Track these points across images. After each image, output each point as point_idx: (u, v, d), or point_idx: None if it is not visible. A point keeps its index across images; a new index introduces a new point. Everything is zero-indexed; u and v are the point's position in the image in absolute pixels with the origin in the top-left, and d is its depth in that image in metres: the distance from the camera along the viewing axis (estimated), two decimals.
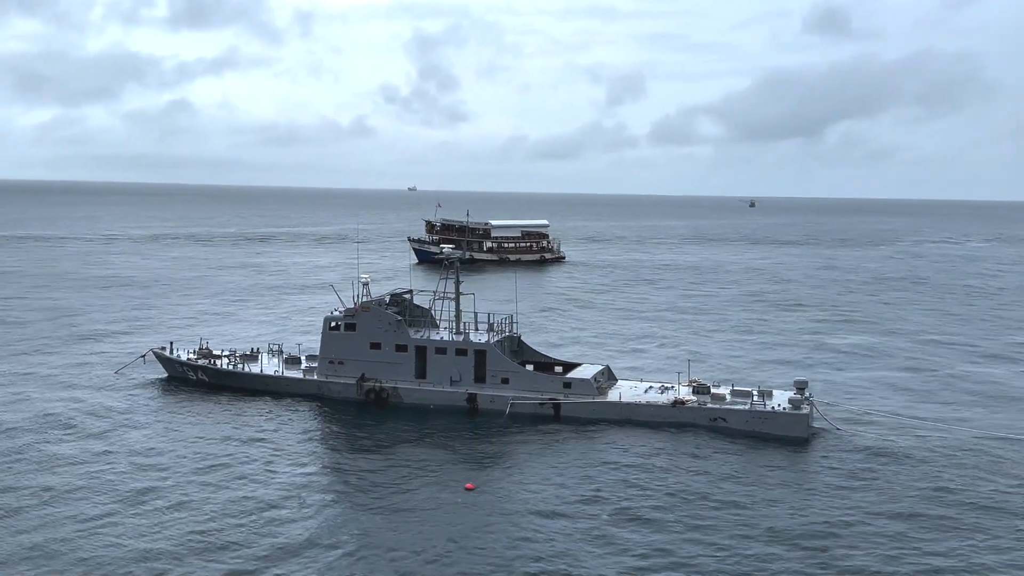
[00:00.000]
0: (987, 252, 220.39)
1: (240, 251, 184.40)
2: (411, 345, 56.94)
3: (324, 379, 58.28)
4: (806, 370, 67.22)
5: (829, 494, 41.09)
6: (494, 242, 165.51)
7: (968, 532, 36.97)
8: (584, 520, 37.56)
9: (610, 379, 57.64)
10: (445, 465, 44.83)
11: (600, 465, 44.75)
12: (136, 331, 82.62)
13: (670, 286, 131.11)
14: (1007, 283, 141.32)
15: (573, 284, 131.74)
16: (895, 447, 48.21)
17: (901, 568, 33.44)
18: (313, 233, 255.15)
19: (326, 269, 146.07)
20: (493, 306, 66.02)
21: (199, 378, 61.59)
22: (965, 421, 54.34)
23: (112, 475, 42.34)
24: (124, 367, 65.37)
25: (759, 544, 35.33)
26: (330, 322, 58.82)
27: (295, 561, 33.25)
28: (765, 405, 51.72)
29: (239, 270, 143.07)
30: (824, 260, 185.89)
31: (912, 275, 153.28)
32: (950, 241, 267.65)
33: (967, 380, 67.24)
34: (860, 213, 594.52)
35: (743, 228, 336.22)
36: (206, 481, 41.70)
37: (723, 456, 46.48)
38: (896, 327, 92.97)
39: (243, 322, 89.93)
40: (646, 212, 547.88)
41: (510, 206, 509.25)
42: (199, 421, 52.25)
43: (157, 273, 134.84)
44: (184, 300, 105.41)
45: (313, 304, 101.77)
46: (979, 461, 46.28)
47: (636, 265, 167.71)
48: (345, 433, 50.76)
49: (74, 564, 32.78)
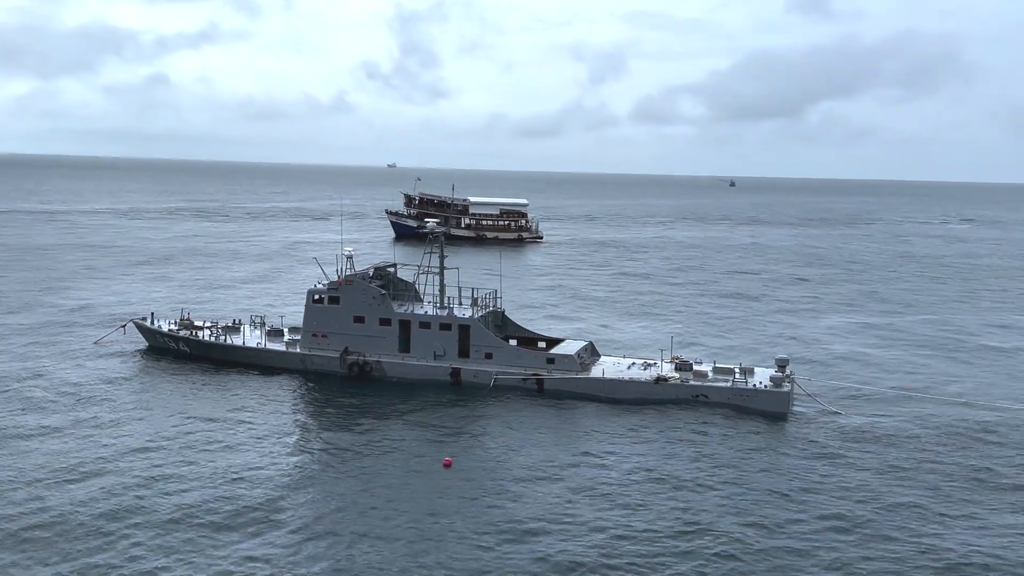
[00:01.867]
0: (967, 233, 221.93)
1: (221, 225, 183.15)
2: (395, 319, 56.78)
3: (307, 352, 58.03)
4: (788, 348, 67.57)
5: (805, 469, 41.37)
6: (472, 219, 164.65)
7: (945, 505, 37.34)
8: (558, 496, 37.65)
9: (593, 355, 57.75)
10: (424, 440, 44.79)
11: (580, 442, 44.85)
12: (116, 302, 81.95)
13: (652, 264, 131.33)
14: (990, 263, 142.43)
15: (552, 262, 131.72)
16: (876, 424, 48.61)
17: (869, 542, 33.79)
18: (293, 208, 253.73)
19: (307, 243, 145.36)
20: (471, 281, 65.85)
21: (180, 349, 61.20)
22: (949, 397, 54.79)
23: (90, 445, 42.04)
24: (103, 337, 64.85)
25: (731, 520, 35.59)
26: (313, 295, 58.52)
27: (266, 537, 32.98)
28: (747, 382, 52.02)
29: (220, 243, 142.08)
30: (806, 239, 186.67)
31: (893, 254, 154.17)
32: (930, 222, 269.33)
33: (949, 357, 67.78)
34: (839, 193, 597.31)
35: (723, 207, 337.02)
36: (183, 453, 41.46)
37: (702, 433, 46.67)
38: (878, 306, 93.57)
39: (225, 293, 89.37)
40: (627, 191, 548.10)
41: (491, 184, 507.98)
42: (179, 392, 51.93)
43: (137, 245, 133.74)
44: (165, 271, 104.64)
45: (296, 276, 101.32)
46: (959, 436, 46.68)
47: (617, 243, 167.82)
48: (327, 407, 50.60)
49: (49, 537, 32.57)
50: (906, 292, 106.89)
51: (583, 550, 32.42)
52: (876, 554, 32.83)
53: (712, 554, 32.45)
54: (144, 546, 31.80)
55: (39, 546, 31.64)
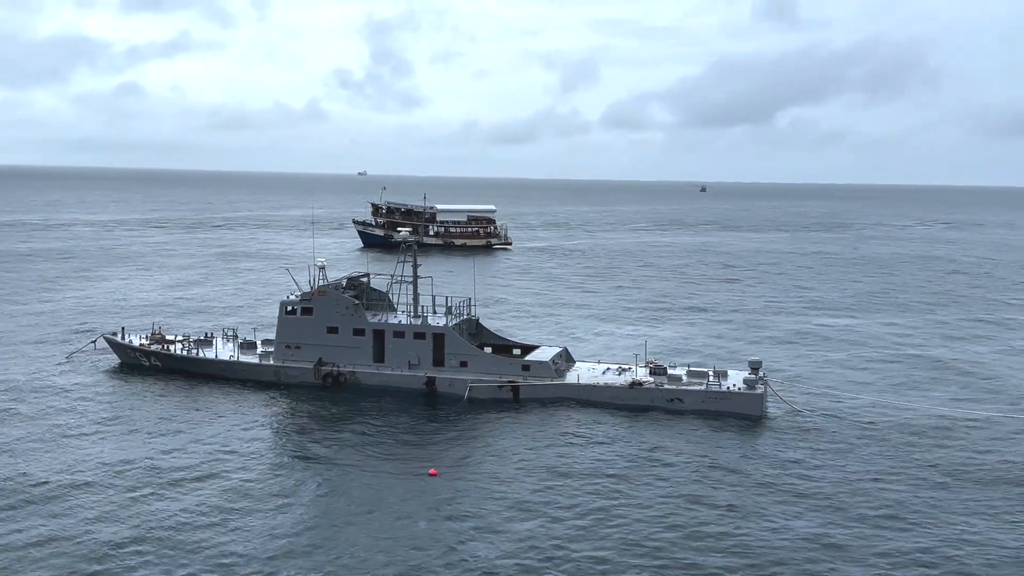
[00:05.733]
0: (936, 235, 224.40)
1: (191, 235, 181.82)
2: (369, 329, 56.63)
3: (281, 364, 57.74)
4: (761, 350, 68.04)
5: (777, 469, 41.69)
6: (440, 226, 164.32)
7: (914, 507, 37.76)
8: (535, 503, 37.70)
9: (568, 361, 57.88)
10: (406, 450, 44.70)
11: (556, 448, 44.92)
12: (87, 316, 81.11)
13: (624, 269, 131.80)
14: (959, 267, 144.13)
15: (523, 269, 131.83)
16: (848, 424, 49.05)
17: (839, 541, 34.10)
18: (264, 217, 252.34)
19: (279, 253, 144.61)
20: (442, 290, 65.80)
21: (152, 364, 60.68)
22: (920, 400, 55.38)
23: (62, 464, 41.59)
24: (74, 353, 64.19)
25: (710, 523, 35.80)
26: (286, 306, 58.25)
27: (242, 548, 32.81)
28: (721, 385, 52.34)
29: (191, 254, 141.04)
30: (777, 243, 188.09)
31: (862, 258, 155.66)
32: (898, 225, 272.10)
33: (922, 360, 68.51)
34: (808, 197, 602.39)
35: (696, 212, 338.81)
36: (157, 470, 41.10)
37: (678, 437, 46.90)
38: (851, 309, 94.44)
39: (197, 305, 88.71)
40: (599, 197, 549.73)
41: (464, 191, 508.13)
42: (152, 409, 51.43)
43: (107, 257, 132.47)
44: (136, 285, 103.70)
45: (268, 287, 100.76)
46: (930, 438, 47.24)
47: (588, 250, 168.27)
48: (301, 418, 50.31)
49: (16, 555, 32.20)
50: (881, 294, 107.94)
51: (564, 555, 32.49)
52: (848, 554, 33.14)
53: (690, 554, 32.62)
54: (115, 559, 31.56)
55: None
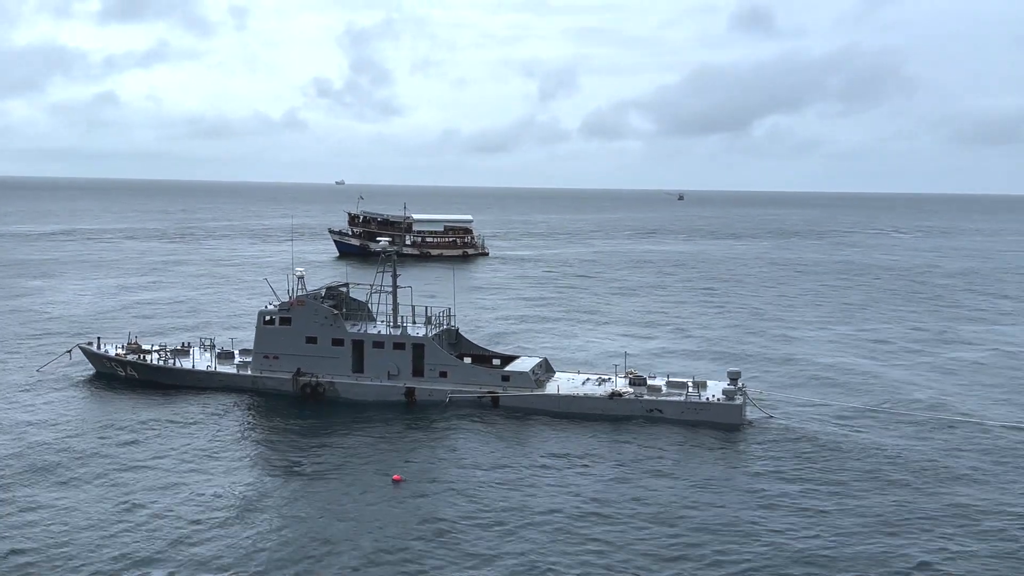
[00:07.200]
0: (913, 243, 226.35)
1: (169, 245, 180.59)
2: (348, 339, 56.34)
3: (258, 374, 57.33)
4: (740, 361, 68.25)
5: (756, 479, 41.78)
6: (416, 236, 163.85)
7: (890, 514, 37.94)
8: (509, 512, 37.59)
9: (548, 371, 57.79)
10: (376, 458, 44.57)
11: (535, 458, 44.83)
12: (61, 326, 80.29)
13: (603, 279, 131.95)
14: (931, 278, 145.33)
15: (501, 278, 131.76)
16: (827, 433, 49.21)
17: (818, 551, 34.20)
18: (241, 227, 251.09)
19: (256, 263, 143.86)
20: (420, 299, 65.62)
21: (128, 374, 60.08)
22: (900, 407, 55.70)
23: (35, 476, 41.08)
24: (48, 364, 63.48)
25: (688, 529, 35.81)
26: (264, 316, 57.89)
27: (217, 558, 32.57)
28: (700, 396, 52.43)
29: (168, 264, 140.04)
30: (757, 252, 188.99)
31: (840, 266, 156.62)
32: (874, 232, 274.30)
33: (900, 367, 68.92)
34: (785, 205, 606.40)
35: (674, 221, 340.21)
36: (129, 480, 40.69)
37: (657, 447, 46.90)
38: (829, 318, 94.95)
39: (174, 314, 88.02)
40: (578, 206, 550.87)
41: (443, 200, 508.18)
42: (127, 419, 50.88)
43: (83, 267, 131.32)
44: (112, 293, 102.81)
45: (245, 297, 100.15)
46: (905, 447, 47.50)
47: (567, 259, 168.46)
48: (279, 429, 49.96)
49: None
50: (859, 303, 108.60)
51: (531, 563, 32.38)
52: (830, 562, 33.22)
53: (671, 564, 32.58)
54: (84, 569, 31.17)
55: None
